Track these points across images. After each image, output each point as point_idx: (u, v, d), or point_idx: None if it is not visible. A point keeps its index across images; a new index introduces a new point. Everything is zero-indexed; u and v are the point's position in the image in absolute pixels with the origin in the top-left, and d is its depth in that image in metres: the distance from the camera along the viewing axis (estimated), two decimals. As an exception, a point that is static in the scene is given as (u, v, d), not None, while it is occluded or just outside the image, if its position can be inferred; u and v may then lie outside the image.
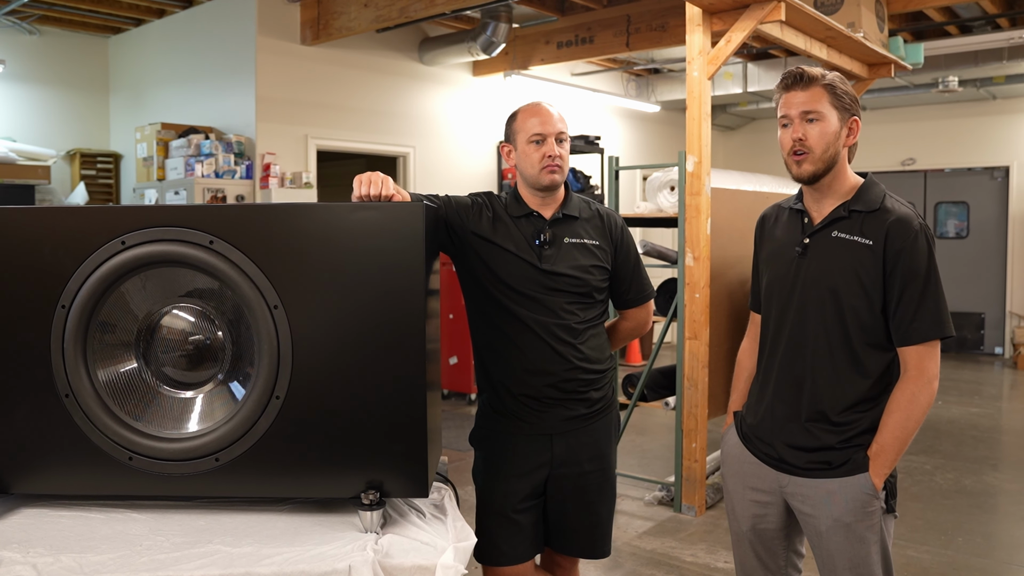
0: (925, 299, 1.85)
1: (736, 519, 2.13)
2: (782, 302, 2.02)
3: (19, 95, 6.95)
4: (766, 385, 2.05)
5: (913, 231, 1.86)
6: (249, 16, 6.27)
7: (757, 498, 2.06)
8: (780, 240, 2.07)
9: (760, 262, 2.16)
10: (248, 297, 1.62)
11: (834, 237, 1.94)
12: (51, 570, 1.44)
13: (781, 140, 1.97)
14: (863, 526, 1.90)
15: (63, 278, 1.63)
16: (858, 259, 1.89)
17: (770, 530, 2.07)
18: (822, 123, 1.90)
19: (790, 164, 1.95)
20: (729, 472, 2.14)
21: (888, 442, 1.89)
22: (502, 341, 2.18)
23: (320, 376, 1.63)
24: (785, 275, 2.01)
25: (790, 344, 1.99)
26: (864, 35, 5.00)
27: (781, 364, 2.00)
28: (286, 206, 1.64)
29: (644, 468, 5.08)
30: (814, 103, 1.90)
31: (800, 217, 2.03)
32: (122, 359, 1.69)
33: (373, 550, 1.51)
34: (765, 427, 2.03)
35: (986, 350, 9.85)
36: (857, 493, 1.90)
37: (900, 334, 1.88)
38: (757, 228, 2.20)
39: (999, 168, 9.79)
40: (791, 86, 1.93)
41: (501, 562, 2.22)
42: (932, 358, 1.87)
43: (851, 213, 1.93)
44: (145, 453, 1.65)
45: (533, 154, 2.17)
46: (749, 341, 2.23)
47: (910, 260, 1.86)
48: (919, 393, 1.87)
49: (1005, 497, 4.66)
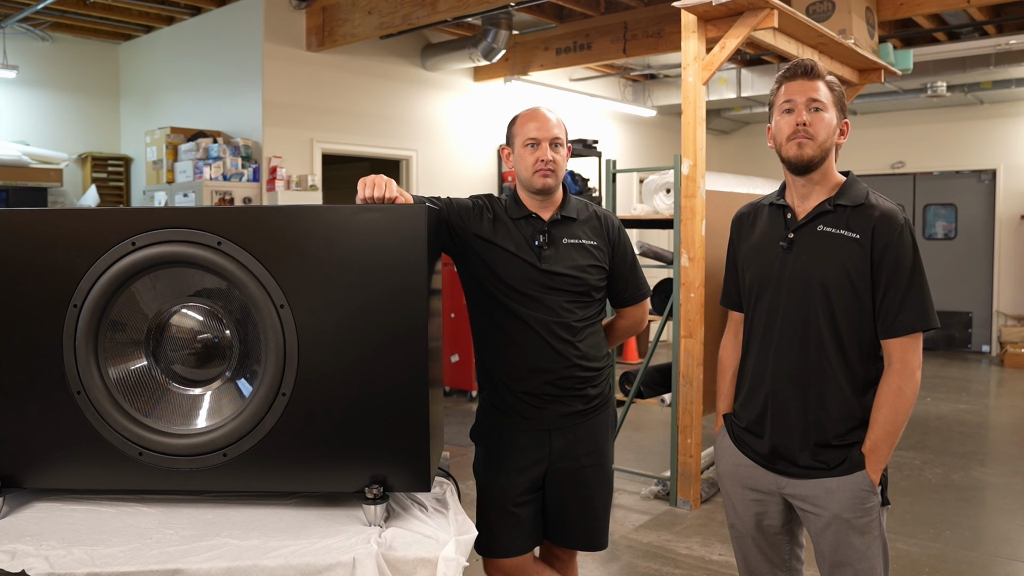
0: (910, 292, 1.84)
1: (739, 518, 2.08)
2: (769, 298, 1.97)
3: (32, 100, 6.95)
4: (754, 386, 2.00)
5: (899, 226, 1.85)
6: (256, 23, 6.27)
7: (757, 497, 2.03)
8: (762, 236, 2.02)
9: (739, 259, 2.11)
10: (255, 297, 1.62)
11: (820, 231, 1.91)
12: (63, 562, 1.44)
13: (779, 126, 1.93)
14: (863, 521, 1.89)
15: (75, 278, 1.63)
16: (846, 253, 1.87)
17: (773, 526, 2.04)
18: (826, 113, 1.89)
19: (789, 147, 1.90)
20: (726, 474, 2.10)
21: (880, 437, 1.87)
22: (502, 339, 2.18)
23: (325, 374, 1.63)
24: (770, 271, 1.97)
25: (782, 340, 1.94)
26: (855, 42, 5.00)
27: (774, 361, 1.96)
28: (292, 208, 1.64)
29: (640, 463, 5.08)
30: (819, 93, 1.89)
31: (783, 212, 1.99)
32: (132, 357, 1.69)
33: (377, 543, 1.51)
34: (758, 430, 1.99)
35: (974, 348, 9.85)
36: (856, 491, 1.88)
37: (885, 326, 1.86)
38: (733, 225, 2.15)
39: (986, 171, 9.79)
40: (798, 75, 1.91)
41: (501, 554, 2.22)
42: (915, 350, 1.86)
43: (836, 208, 1.91)
44: (155, 448, 1.65)
45: (527, 158, 2.17)
46: (731, 339, 2.17)
47: (896, 254, 1.84)
48: (904, 385, 1.85)
49: (992, 491, 4.66)
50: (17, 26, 6.59)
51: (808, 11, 5.14)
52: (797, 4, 5.18)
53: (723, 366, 2.18)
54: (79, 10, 6.47)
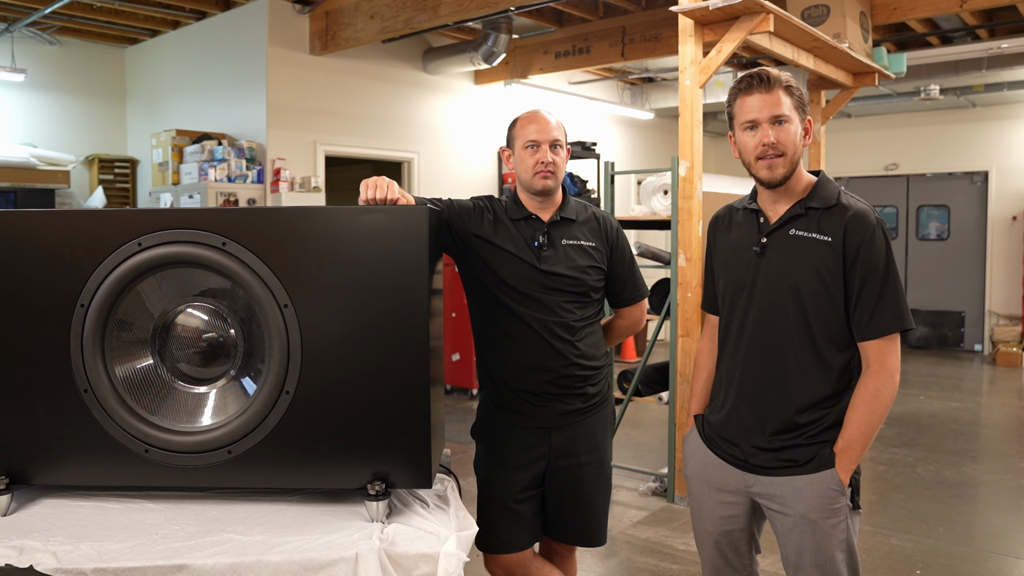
0: (885, 293, 1.79)
1: (703, 520, 2.03)
2: (742, 302, 1.93)
3: (40, 103, 6.95)
4: (730, 386, 1.96)
5: (871, 225, 1.80)
6: (260, 27, 6.27)
7: (724, 499, 1.98)
8: (736, 241, 1.98)
9: (715, 263, 2.07)
10: (259, 296, 1.62)
11: (792, 235, 1.86)
12: (71, 558, 1.44)
13: (743, 142, 1.86)
14: (829, 523, 1.82)
15: (82, 278, 1.63)
16: (818, 256, 1.82)
17: (737, 531, 1.99)
18: (790, 125, 1.82)
19: (760, 168, 1.85)
20: (693, 475, 2.05)
21: (854, 438, 1.81)
22: (502, 338, 2.18)
23: (328, 372, 1.63)
24: (743, 275, 1.93)
25: (753, 344, 1.90)
26: (849, 45, 5.00)
27: (744, 364, 1.91)
28: (295, 209, 1.64)
29: (638, 460, 5.08)
30: (780, 106, 1.81)
31: (756, 217, 1.94)
32: (138, 356, 1.69)
33: (379, 539, 1.51)
34: (730, 428, 1.94)
35: (966, 347, 9.85)
36: (824, 490, 1.82)
37: (861, 329, 1.81)
38: (709, 229, 2.11)
39: (979, 173, 9.79)
40: (754, 88, 1.82)
41: (501, 550, 2.22)
42: (893, 352, 1.80)
43: (808, 210, 1.85)
44: (160, 446, 1.65)
45: (528, 159, 2.17)
46: (706, 342, 2.12)
47: (869, 254, 1.79)
48: (882, 388, 1.80)
49: (984, 488, 4.66)
50: (25, 30, 6.59)
51: (803, 15, 5.14)
52: (792, 8, 5.18)
53: (698, 368, 2.14)
54: (86, 15, 6.47)
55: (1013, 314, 9.49)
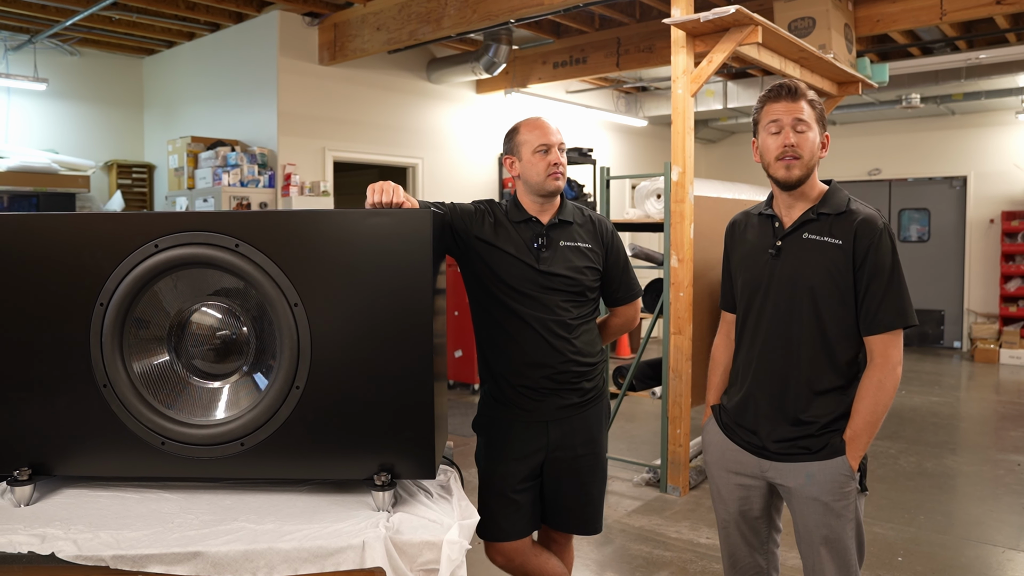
0: (889, 291, 1.85)
1: (723, 504, 2.10)
2: (759, 300, 1.99)
3: (61, 111, 6.95)
4: (746, 376, 2.02)
5: (878, 230, 1.87)
6: (271, 39, 6.27)
7: (741, 482, 2.04)
8: (752, 244, 2.04)
9: (733, 265, 2.13)
10: (271, 296, 1.62)
11: (805, 239, 1.93)
12: (90, 545, 1.44)
13: (766, 145, 1.94)
14: (840, 505, 1.90)
15: (101, 278, 1.63)
16: (830, 258, 1.89)
17: (754, 511, 2.06)
18: (810, 132, 1.90)
19: (777, 168, 1.91)
20: (712, 460, 2.11)
21: (861, 427, 1.88)
22: (502, 336, 2.18)
23: (336, 368, 1.63)
24: (760, 276, 1.99)
25: (768, 338, 1.97)
26: (834, 56, 5.00)
27: (760, 358, 1.98)
28: (305, 212, 1.64)
29: (633, 452, 5.08)
30: (803, 113, 1.90)
31: (771, 221, 2.01)
32: (155, 352, 1.69)
33: (385, 527, 1.51)
34: (747, 418, 2.01)
35: (945, 344, 9.85)
36: (835, 475, 1.89)
37: (867, 324, 1.88)
38: (727, 233, 2.18)
39: (957, 177, 9.79)
40: (781, 96, 1.91)
41: (501, 538, 2.22)
42: (896, 346, 1.87)
43: (820, 216, 1.93)
44: (176, 438, 1.65)
45: (539, 163, 2.16)
46: (723, 338, 2.19)
47: (876, 256, 1.85)
48: (885, 379, 1.86)
49: (963, 479, 4.66)
50: (47, 41, 6.59)
51: (790, 27, 5.14)
52: (780, 20, 5.18)
53: (715, 362, 2.20)
54: (105, 27, 6.46)
55: (990, 312, 9.49)
